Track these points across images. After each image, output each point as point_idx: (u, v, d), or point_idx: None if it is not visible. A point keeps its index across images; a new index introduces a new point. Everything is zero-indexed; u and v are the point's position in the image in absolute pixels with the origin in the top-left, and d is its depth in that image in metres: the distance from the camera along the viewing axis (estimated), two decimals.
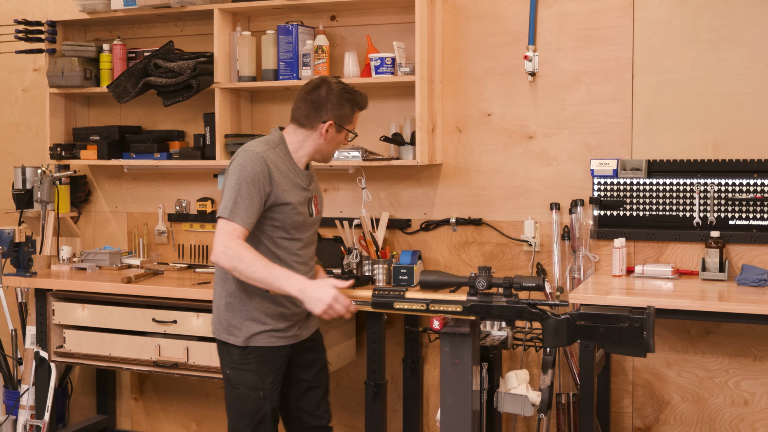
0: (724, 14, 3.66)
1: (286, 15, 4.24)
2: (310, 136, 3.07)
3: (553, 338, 2.69)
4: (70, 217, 4.66)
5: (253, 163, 2.93)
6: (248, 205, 2.90)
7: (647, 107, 3.77)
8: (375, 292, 2.83)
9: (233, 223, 2.88)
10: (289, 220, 3.01)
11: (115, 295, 3.97)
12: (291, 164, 3.06)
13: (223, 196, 2.94)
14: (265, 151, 2.98)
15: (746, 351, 3.71)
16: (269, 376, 3.07)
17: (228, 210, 2.89)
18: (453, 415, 2.80)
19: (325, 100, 3.04)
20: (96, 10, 4.32)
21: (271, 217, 2.99)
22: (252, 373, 3.04)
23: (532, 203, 3.95)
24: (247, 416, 3.06)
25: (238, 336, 3.04)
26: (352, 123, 3.12)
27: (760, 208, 3.63)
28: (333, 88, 3.06)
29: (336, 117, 3.05)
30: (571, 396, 3.84)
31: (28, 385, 4.30)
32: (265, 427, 3.08)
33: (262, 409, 3.06)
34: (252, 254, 2.87)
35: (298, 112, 3.08)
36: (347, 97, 3.07)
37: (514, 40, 3.95)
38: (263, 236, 3.00)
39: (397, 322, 4.16)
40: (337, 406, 4.35)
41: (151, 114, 4.61)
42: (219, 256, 2.88)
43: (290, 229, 3.03)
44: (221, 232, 2.89)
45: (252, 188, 2.91)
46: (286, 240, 3.03)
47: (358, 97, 3.11)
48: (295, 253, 3.06)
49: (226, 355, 3.09)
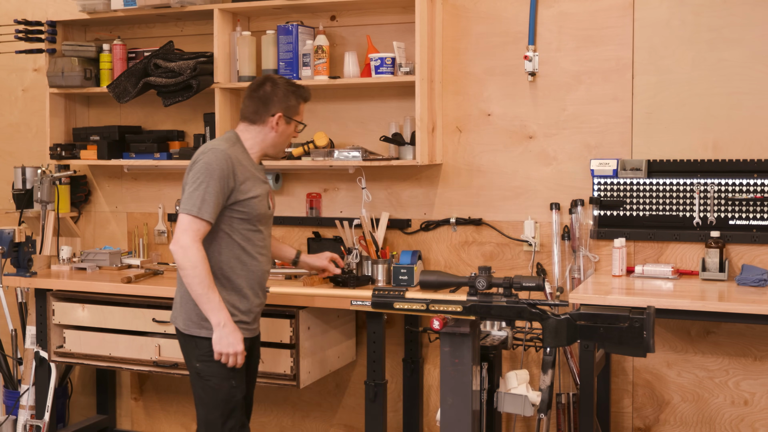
0: (724, 14, 3.66)
1: (286, 15, 4.24)
2: (261, 131, 3.22)
3: (553, 338, 2.69)
4: (70, 217, 4.66)
5: (219, 161, 3.06)
6: (215, 202, 3.04)
7: (647, 107, 3.77)
8: (375, 292, 2.83)
9: (200, 221, 3.03)
10: (255, 211, 3.16)
11: (115, 295, 3.97)
12: (249, 159, 3.20)
13: (189, 193, 3.05)
14: (228, 149, 3.12)
15: (746, 351, 3.71)
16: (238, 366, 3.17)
17: (197, 207, 3.02)
18: (453, 415, 2.81)
19: (271, 95, 3.20)
20: (96, 10, 4.32)
21: (239, 211, 3.13)
22: (223, 365, 3.11)
23: (532, 203, 3.95)
24: (219, 407, 3.13)
25: (209, 328, 3.10)
26: (299, 114, 3.28)
27: (760, 208, 3.63)
28: (277, 83, 3.23)
29: (284, 109, 3.21)
30: (571, 396, 3.84)
31: (28, 385, 4.30)
32: (236, 416, 3.16)
33: (234, 398, 3.14)
34: (205, 268, 3.02)
35: (246, 110, 3.24)
36: (291, 89, 3.24)
37: (514, 40, 3.95)
38: (231, 230, 3.14)
39: (397, 322, 4.16)
40: (337, 406, 4.35)
41: (151, 114, 4.61)
42: (178, 251, 3.02)
43: (255, 222, 3.18)
44: (187, 228, 3.03)
45: (218, 185, 3.04)
46: (251, 232, 3.18)
47: (301, 90, 3.28)
48: (259, 245, 3.21)
49: (194, 348, 3.16)
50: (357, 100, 4.18)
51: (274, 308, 3.69)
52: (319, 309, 3.78)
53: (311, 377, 3.79)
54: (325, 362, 3.90)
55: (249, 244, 3.17)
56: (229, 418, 3.13)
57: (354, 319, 4.16)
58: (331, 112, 4.23)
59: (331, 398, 4.36)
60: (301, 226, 4.31)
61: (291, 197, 4.34)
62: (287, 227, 4.33)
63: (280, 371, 3.70)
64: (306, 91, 3.30)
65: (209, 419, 3.15)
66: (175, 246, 3.03)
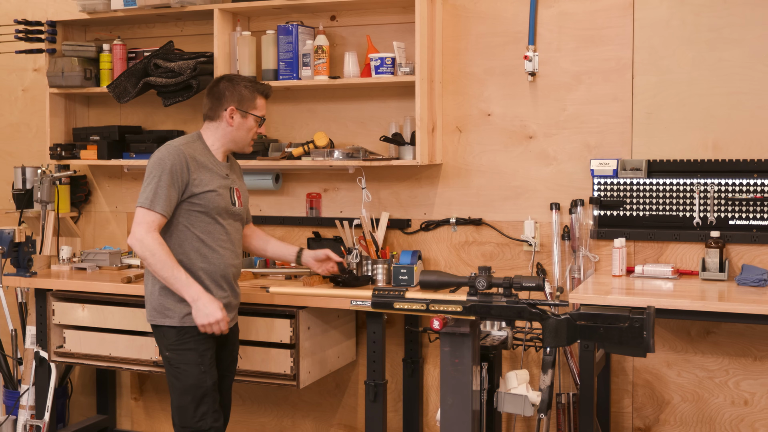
0: (724, 14, 3.66)
1: (286, 15, 4.24)
2: (219, 127, 3.31)
3: (553, 338, 2.69)
4: (70, 217, 4.66)
5: (171, 156, 3.17)
6: (167, 195, 3.14)
7: (647, 107, 3.77)
8: (375, 292, 2.83)
9: (153, 213, 3.13)
10: (213, 204, 3.23)
11: (115, 295, 3.97)
12: (209, 156, 3.29)
13: (143, 187, 3.17)
14: (182, 145, 3.23)
15: (746, 351, 3.71)
16: (207, 353, 3.25)
17: (149, 200, 3.14)
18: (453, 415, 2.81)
19: (224, 90, 3.31)
20: (96, 10, 4.32)
21: (196, 203, 3.21)
22: (191, 352, 3.22)
23: (532, 203, 3.95)
24: (190, 392, 3.22)
25: (173, 318, 3.22)
26: (256, 108, 3.33)
27: (760, 208, 3.63)
28: (233, 79, 3.34)
29: (237, 102, 3.29)
30: (571, 396, 3.84)
31: (28, 385, 4.30)
32: (207, 402, 3.23)
33: (204, 384, 3.22)
34: (164, 252, 3.12)
35: (204, 108, 3.35)
36: (245, 84, 3.32)
37: (514, 40, 3.95)
38: (189, 223, 3.23)
39: (397, 322, 4.16)
40: (337, 406, 4.35)
41: (151, 114, 4.61)
42: (135, 244, 3.14)
43: (215, 215, 3.24)
44: (141, 221, 3.15)
45: (170, 179, 3.15)
46: (210, 225, 3.25)
47: (257, 84, 3.35)
48: (220, 239, 3.27)
49: (163, 338, 3.27)
50: (357, 100, 4.18)
51: (274, 308, 3.69)
52: (319, 309, 3.78)
53: (311, 377, 3.79)
54: (325, 362, 3.90)
55: (209, 237, 3.24)
56: (200, 404, 3.21)
57: (354, 319, 4.16)
58: (331, 112, 4.23)
59: (331, 398, 4.36)
60: (301, 226, 4.30)
61: (291, 197, 4.34)
62: (287, 227, 4.33)
63: (280, 371, 3.70)
64: (264, 86, 3.37)
65: (181, 405, 3.24)
66: (132, 239, 3.15)
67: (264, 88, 3.36)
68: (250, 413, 4.51)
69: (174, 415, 3.28)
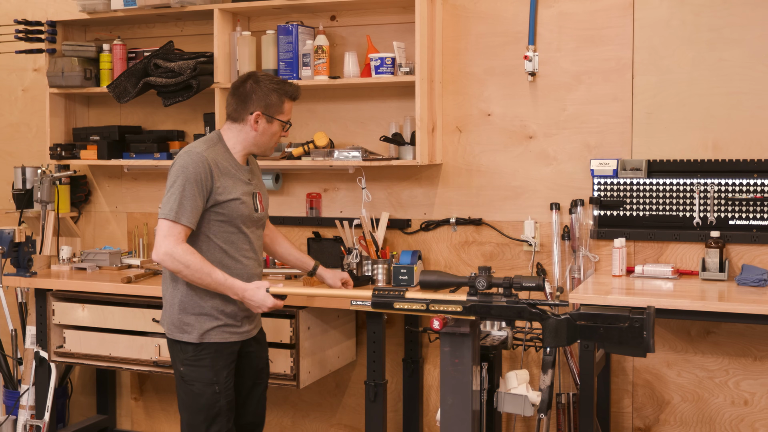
0: (724, 14, 3.66)
1: (286, 15, 4.24)
2: (242, 130, 3.16)
3: (553, 338, 2.69)
4: (70, 217, 4.66)
5: (195, 164, 3.02)
6: (192, 205, 3.01)
7: (647, 107, 3.77)
8: (375, 292, 2.83)
9: (179, 225, 3.00)
10: (236, 213, 3.11)
11: (115, 295, 3.97)
12: (231, 160, 3.15)
13: (167, 198, 3.03)
14: (205, 150, 3.07)
15: (746, 351, 3.71)
16: (223, 371, 3.14)
17: (174, 212, 2.99)
18: (453, 415, 2.81)
19: (251, 92, 3.13)
20: (96, 10, 4.32)
21: (219, 212, 3.09)
22: (206, 369, 3.11)
23: (532, 203, 3.95)
24: (202, 412, 3.12)
25: (191, 333, 3.11)
26: (283, 113, 3.18)
27: (760, 208, 3.63)
28: (259, 80, 3.15)
29: (263, 107, 3.13)
30: (571, 396, 3.84)
31: (28, 385, 4.30)
32: (220, 422, 3.13)
33: (218, 404, 3.12)
34: (198, 261, 3.00)
35: (228, 107, 3.20)
36: (273, 87, 3.14)
37: (514, 40, 3.95)
38: (211, 233, 3.10)
39: (397, 322, 4.16)
40: (337, 406, 4.35)
41: (151, 114, 4.61)
42: (165, 259, 3.00)
43: (238, 223, 3.13)
44: (167, 234, 3.00)
45: (195, 188, 3.01)
46: (233, 235, 3.13)
47: (286, 87, 3.18)
48: (243, 248, 3.16)
49: (179, 352, 3.16)
50: (357, 100, 4.18)
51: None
52: (319, 309, 3.78)
53: (311, 377, 3.79)
54: (325, 362, 3.90)
55: (231, 247, 3.13)
56: (212, 424, 3.11)
57: (354, 319, 4.16)
58: (331, 112, 4.23)
59: (331, 398, 4.36)
60: (301, 226, 4.30)
61: (291, 197, 4.34)
62: (287, 227, 4.32)
63: (280, 371, 3.70)
64: (292, 87, 3.19)
65: (192, 423, 3.14)
66: (158, 255, 3.00)
67: (292, 91, 3.18)
68: None
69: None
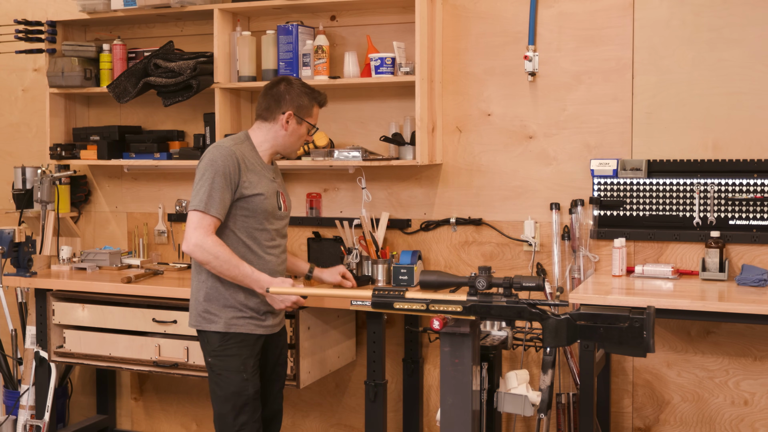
0: (724, 14, 3.66)
1: (286, 15, 4.24)
2: (272, 129, 3.27)
3: (553, 338, 2.68)
4: (70, 217, 4.66)
5: (224, 157, 3.13)
6: (221, 197, 3.11)
7: (647, 107, 3.77)
8: (375, 292, 2.83)
9: (209, 216, 3.09)
10: (261, 208, 3.19)
11: (115, 295, 3.97)
12: (257, 158, 3.26)
13: (196, 190, 3.12)
14: (233, 146, 3.19)
15: (746, 351, 3.71)
16: (250, 360, 3.20)
17: (203, 203, 3.09)
18: (453, 415, 2.80)
19: (284, 93, 3.26)
20: (96, 10, 4.32)
21: (244, 207, 3.16)
22: (234, 358, 3.18)
23: (532, 203, 3.95)
24: (230, 401, 3.17)
25: (217, 323, 3.18)
26: (312, 117, 3.31)
27: (760, 208, 3.63)
28: (292, 83, 3.30)
29: (295, 108, 3.24)
30: (571, 396, 3.84)
31: (28, 385, 4.30)
32: (248, 410, 3.18)
33: (245, 392, 3.17)
34: (226, 252, 3.09)
35: (260, 107, 3.30)
36: (305, 91, 3.28)
37: (514, 40, 3.95)
38: (236, 227, 3.18)
39: (397, 322, 4.16)
40: (337, 406, 4.35)
41: (151, 114, 4.61)
42: (195, 250, 3.09)
43: (262, 219, 3.20)
44: (197, 226, 3.09)
45: (224, 181, 3.11)
46: (257, 231, 3.20)
47: (316, 94, 3.32)
48: (265, 244, 3.23)
49: (206, 344, 3.23)
50: (357, 100, 4.18)
51: None
52: (319, 309, 3.78)
53: (311, 377, 3.79)
54: (325, 362, 3.90)
55: (254, 242, 3.20)
56: (240, 413, 3.17)
57: (354, 319, 4.16)
58: (331, 112, 4.23)
59: (331, 398, 4.36)
60: (301, 226, 4.30)
61: (291, 197, 4.32)
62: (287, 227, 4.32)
63: None
64: (322, 96, 3.34)
65: (221, 413, 3.20)
66: (188, 246, 3.09)
67: (322, 98, 3.34)
68: None
69: (215, 424, 3.24)
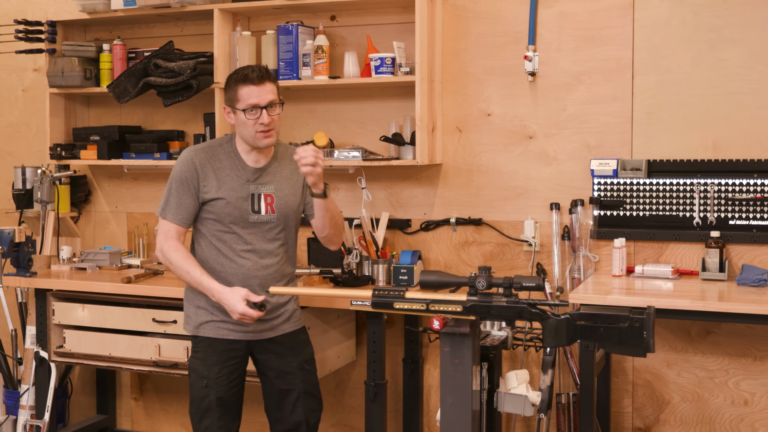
0: (724, 14, 3.66)
1: (286, 15, 4.24)
2: (233, 126, 3.24)
3: (553, 338, 2.68)
4: (70, 217, 4.66)
5: (180, 163, 3.18)
6: (178, 203, 3.15)
7: (647, 107, 3.77)
8: (375, 292, 2.83)
9: (166, 222, 3.17)
10: (223, 212, 3.17)
11: (115, 295, 3.97)
12: (234, 160, 3.21)
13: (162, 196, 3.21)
14: (196, 150, 3.20)
15: (746, 351, 3.71)
16: (215, 367, 3.18)
17: (161, 208, 3.20)
18: (453, 415, 2.80)
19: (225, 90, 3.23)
20: (96, 10, 4.32)
21: (209, 211, 3.19)
22: (199, 362, 3.20)
23: (532, 203, 3.95)
24: (195, 403, 3.21)
25: (189, 324, 3.26)
26: (240, 100, 3.11)
27: (760, 208, 3.63)
28: (229, 76, 3.21)
29: (227, 101, 3.20)
30: (571, 396, 3.84)
31: (28, 385, 4.30)
32: (210, 417, 3.17)
33: (207, 398, 3.17)
34: (180, 257, 3.11)
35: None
36: (232, 78, 3.17)
37: (514, 40, 3.95)
38: (206, 230, 3.21)
39: (397, 322, 4.16)
40: (337, 406, 4.35)
41: (151, 114, 4.61)
42: (158, 255, 3.19)
43: (228, 223, 3.19)
44: (159, 231, 3.21)
45: (180, 187, 3.15)
46: (225, 234, 3.20)
47: (239, 73, 3.14)
48: (236, 248, 3.19)
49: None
50: (357, 100, 4.18)
51: None
52: (319, 309, 3.78)
53: None
54: (325, 362, 3.90)
55: (224, 245, 3.19)
56: (203, 418, 3.18)
57: (354, 319, 4.16)
58: (331, 112, 4.23)
59: (331, 398, 4.36)
60: (301, 226, 4.29)
61: None
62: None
63: None
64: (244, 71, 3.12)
65: (190, 411, 3.25)
66: (156, 250, 3.19)
67: (242, 74, 3.11)
68: (251, 413, 4.50)
69: None
